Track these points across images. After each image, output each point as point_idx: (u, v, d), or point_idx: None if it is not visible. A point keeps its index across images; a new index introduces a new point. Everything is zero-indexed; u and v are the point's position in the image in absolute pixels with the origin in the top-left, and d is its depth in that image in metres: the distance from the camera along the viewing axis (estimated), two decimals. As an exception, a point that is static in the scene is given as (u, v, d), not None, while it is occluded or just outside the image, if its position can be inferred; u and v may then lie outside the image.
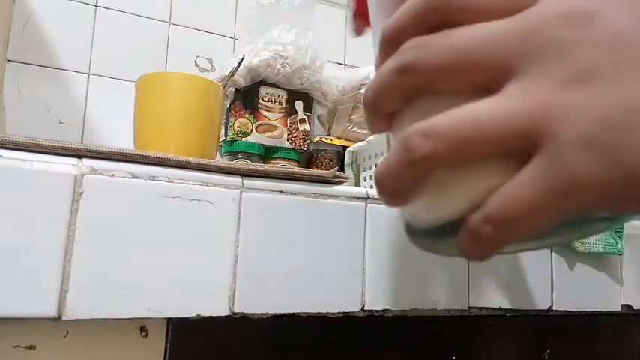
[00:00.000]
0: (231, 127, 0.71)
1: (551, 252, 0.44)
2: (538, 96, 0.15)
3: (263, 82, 0.72)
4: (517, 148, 0.15)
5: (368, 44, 0.25)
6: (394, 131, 0.19)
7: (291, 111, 0.74)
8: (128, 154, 0.31)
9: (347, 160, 0.66)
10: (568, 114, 0.14)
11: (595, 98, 0.14)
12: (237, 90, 0.71)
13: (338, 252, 0.35)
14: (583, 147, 0.14)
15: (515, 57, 0.15)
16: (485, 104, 0.15)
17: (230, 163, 0.34)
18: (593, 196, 0.14)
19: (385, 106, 0.18)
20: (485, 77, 0.16)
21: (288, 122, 0.73)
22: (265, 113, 0.72)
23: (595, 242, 0.45)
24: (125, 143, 0.45)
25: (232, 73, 0.64)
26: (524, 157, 0.15)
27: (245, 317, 0.32)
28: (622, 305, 0.47)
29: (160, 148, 0.46)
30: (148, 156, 0.31)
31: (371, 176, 0.62)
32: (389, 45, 0.18)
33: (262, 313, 0.33)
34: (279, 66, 0.70)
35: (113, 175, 0.29)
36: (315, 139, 0.78)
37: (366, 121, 0.19)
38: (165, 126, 0.48)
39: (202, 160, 0.33)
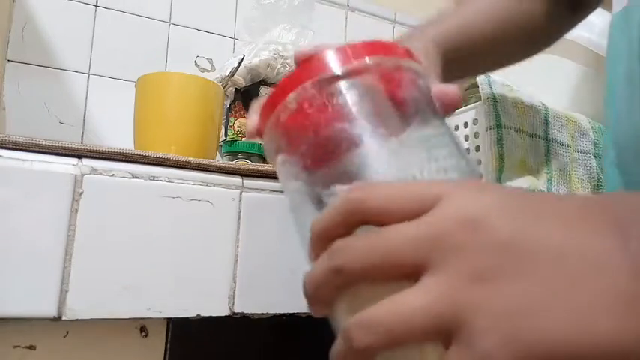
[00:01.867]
0: (231, 127, 0.71)
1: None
2: (451, 292, 0.18)
3: (263, 82, 0.72)
4: (440, 334, 0.18)
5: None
6: (334, 314, 0.22)
7: (291, 111, 0.74)
8: (128, 154, 0.31)
9: (347, 160, 0.65)
10: (475, 307, 0.17)
11: (493, 293, 0.17)
12: (237, 90, 0.71)
13: (338, 252, 0.35)
14: (490, 333, 0.17)
15: (427, 256, 0.18)
16: (409, 299, 0.18)
17: (230, 163, 0.34)
18: None
19: (323, 298, 0.21)
20: (404, 273, 0.19)
21: (288, 122, 0.73)
22: (265, 113, 0.72)
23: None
24: (125, 143, 0.45)
25: (232, 73, 0.64)
26: (448, 339, 0.18)
27: (245, 317, 0.32)
28: (622, 305, 0.47)
29: (159, 148, 0.46)
30: (148, 156, 0.31)
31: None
32: (319, 242, 0.21)
33: (262, 313, 0.33)
34: (279, 66, 0.70)
35: (113, 175, 0.29)
36: (315, 139, 0.78)
37: (308, 306, 0.22)
38: (165, 126, 0.48)
39: (202, 160, 0.33)
